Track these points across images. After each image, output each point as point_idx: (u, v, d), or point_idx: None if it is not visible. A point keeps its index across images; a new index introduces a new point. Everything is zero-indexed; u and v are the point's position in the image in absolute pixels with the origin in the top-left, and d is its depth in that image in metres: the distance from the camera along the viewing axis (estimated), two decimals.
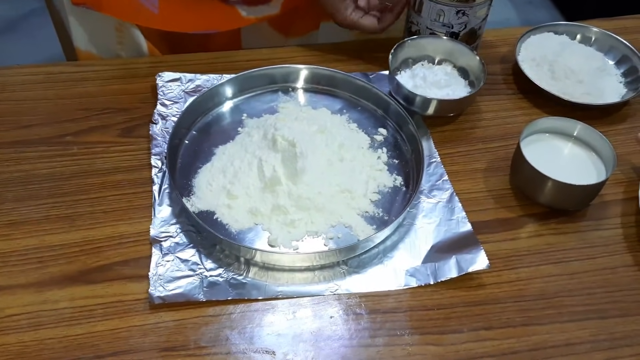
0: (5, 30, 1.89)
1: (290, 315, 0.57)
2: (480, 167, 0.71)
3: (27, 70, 0.79)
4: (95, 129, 0.72)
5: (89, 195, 0.65)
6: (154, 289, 0.57)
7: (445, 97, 0.74)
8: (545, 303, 0.59)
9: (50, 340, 0.54)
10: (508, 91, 0.81)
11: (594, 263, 0.63)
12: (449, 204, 0.66)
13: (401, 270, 0.61)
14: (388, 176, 0.69)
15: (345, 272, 0.61)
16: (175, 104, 0.74)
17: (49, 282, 0.58)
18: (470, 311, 0.58)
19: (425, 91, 0.74)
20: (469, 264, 0.60)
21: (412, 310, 0.58)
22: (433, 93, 0.74)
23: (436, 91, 0.75)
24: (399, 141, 0.73)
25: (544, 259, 0.63)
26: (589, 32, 0.85)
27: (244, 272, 0.60)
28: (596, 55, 0.83)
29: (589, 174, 0.67)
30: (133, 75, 0.78)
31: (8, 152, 0.69)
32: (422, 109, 0.73)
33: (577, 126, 0.69)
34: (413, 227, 0.64)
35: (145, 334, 0.55)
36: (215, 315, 0.57)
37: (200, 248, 0.61)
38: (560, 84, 0.79)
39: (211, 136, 0.71)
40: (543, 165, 0.64)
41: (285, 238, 0.62)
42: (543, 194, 0.65)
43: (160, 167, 0.67)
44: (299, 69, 0.77)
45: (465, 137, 0.74)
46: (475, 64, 0.77)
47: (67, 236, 0.62)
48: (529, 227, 0.66)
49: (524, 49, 0.83)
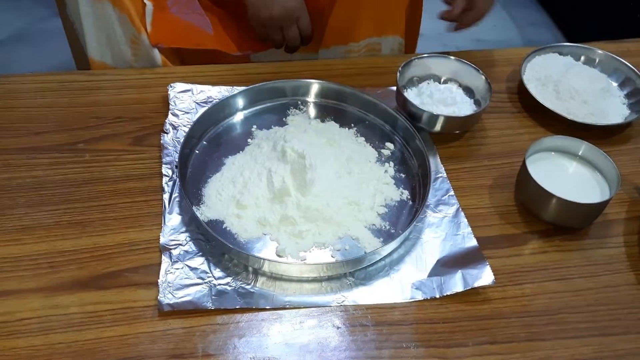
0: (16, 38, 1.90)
1: (298, 325, 0.58)
2: (486, 184, 0.72)
3: (40, 78, 0.80)
4: (107, 137, 0.73)
5: (100, 202, 0.66)
6: (163, 296, 0.58)
7: (452, 114, 0.75)
8: (549, 319, 0.60)
9: (60, 345, 0.55)
10: (513, 109, 0.82)
11: (597, 281, 0.64)
12: (455, 219, 0.67)
13: (407, 283, 0.61)
14: (395, 190, 0.70)
15: (352, 283, 0.61)
16: (186, 114, 0.75)
17: (59, 287, 0.59)
18: (476, 325, 0.59)
19: (432, 108, 0.75)
20: (474, 279, 0.61)
21: (418, 323, 0.59)
22: (440, 110, 0.76)
23: (443, 108, 0.76)
24: (405, 156, 0.74)
25: (548, 276, 0.64)
26: (593, 54, 0.86)
27: (252, 281, 0.60)
28: (600, 77, 0.84)
29: (593, 193, 0.68)
30: (145, 85, 0.80)
31: (21, 158, 0.70)
32: (429, 125, 0.74)
33: (582, 146, 0.70)
34: (419, 241, 0.65)
35: (154, 341, 0.56)
36: (223, 324, 0.57)
37: (209, 257, 0.62)
38: (565, 104, 0.80)
39: (221, 146, 0.73)
40: (548, 183, 0.65)
41: (293, 248, 0.63)
42: (548, 211, 0.66)
43: (171, 176, 0.68)
44: (308, 83, 0.78)
45: (471, 154, 0.75)
46: (481, 83, 0.78)
47: (78, 242, 0.62)
48: (534, 243, 0.67)
49: (529, 69, 0.84)
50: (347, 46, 0.89)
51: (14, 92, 0.78)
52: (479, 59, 0.89)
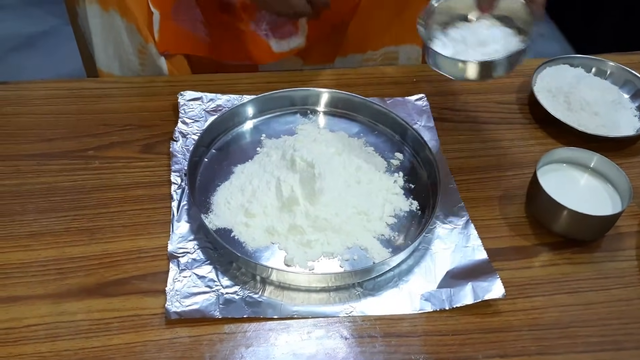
0: (26, 45, 1.92)
1: (305, 336, 0.57)
2: (496, 195, 0.71)
3: (50, 85, 0.81)
4: (116, 144, 0.73)
5: (109, 209, 0.66)
6: (170, 304, 0.57)
7: (494, 54, 0.63)
8: (560, 332, 0.59)
9: (66, 352, 0.54)
10: (524, 120, 0.82)
11: (609, 294, 0.63)
12: (465, 230, 0.67)
13: (416, 294, 0.61)
14: (404, 200, 0.69)
15: (361, 294, 0.61)
16: (195, 123, 0.75)
17: (67, 293, 0.59)
18: (485, 338, 0.58)
19: (469, 54, 0.63)
20: (484, 291, 0.60)
21: (427, 335, 0.58)
22: (480, 54, 0.63)
23: (482, 50, 0.64)
24: (415, 166, 0.73)
25: (558, 288, 0.63)
26: (604, 66, 0.86)
27: (260, 290, 0.60)
28: (611, 89, 0.84)
29: (605, 205, 0.67)
30: (154, 93, 0.80)
31: (30, 164, 0.70)
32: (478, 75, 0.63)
33: (594, 157, 0.70)
34: (429, 252, 0.65)
35: (161, 349, 0.55)
36: (230, 333, 0.57)
37: (217, 265, 0.61)
38: (576, 115, 0.80)
39: (230, 155, 0.73)
40: (559, 194, 0.65)
41: (301, 258, 0.63)
42: (559, 223, 0.66)
43: (180, 184, 0.68)
44: (318, 92, 0.78)
45: (481, 164, 0.75)
46: (518, 6, 0.65)
47: (86, 249, 0.62)
48: (544, 256, 0.66)
49: (539, 80, 0.84)
50: (365, 54, 0.89)
51: (24, 98, 0.78)
52: None
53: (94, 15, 0.81)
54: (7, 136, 0.73)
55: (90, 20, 0.81)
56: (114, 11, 0.80)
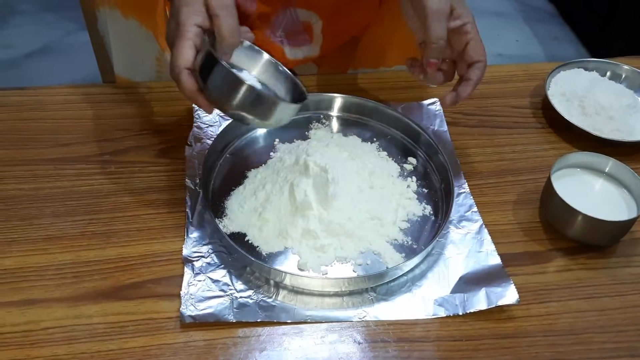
0: (44, 51, 1.95)
1: (319, 340, 0.58)
2: (510, 200, 0.71)
3: (67, 90, 0.82)
4: (132, 149, 0.74)
5: (125, 213, 0.67)
6: (185, 308, 0.58)
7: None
8: (575, 339, 0.59)
9: (83, 355, 0.55)
10: (537, 125, 0.81)
11: (624, 300, 0.62)
12: (478, 235, 0.66)
13: (430, 299, 0.61)
14: (417, 205, 0.69)
15: (374, 299, 0.61)
16: (210, 128, 0.76)
17: (83, 297, 0.59)
18: (499, 344, 0.58)
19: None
20: (498, 297, 0.60)
21: (440, 340, 0.58)
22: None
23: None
24: (428, 171, 0.73)
25: (573, 294, 0.63)
26: (619, 70, 0.86)
27: (274, 294, 0.60)
28: (626, 93, 0.83)
29: (620, 211, 0.67)
30: (170, 98, 0.81)
31: (48, 168, 0.71)
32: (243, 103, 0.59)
33: (609, 162, 0.69)
34: (442, 257, 0.64)
35: (176, 353, 0.56)
36: (244, 337, 0.57)
37: (231, 269, 0.62)
38: (591, 119, 0.79)
39: (244, 159, 0.73)
40: (574, 199, 0.64)
41: (315, 262, 0.63)
42: (573, 228, 0.65)
43: (194, 189, 0.69)
44: (331, 97, 0.79)
45: (494, 169, 0.75)
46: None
47: (102, 252, 0.63)
48: (559, 261, 0.66)
49: (553, 84, 0.84)
50: (378, 70, 0.90)
51: (41, 104, 0.79)
52: (502, 73, 0.88)
53: (114, 20, 0.82)
54: (25, 141, 0.74)
55: (110, 26, 0.82)
56: (133, 19, 0.81)
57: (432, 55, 0.67)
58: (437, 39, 0.65)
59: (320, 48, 0.86)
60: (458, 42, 0.68)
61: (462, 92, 0.69)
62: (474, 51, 0.67)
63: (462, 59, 0.68)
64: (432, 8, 0.64)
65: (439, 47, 0.66)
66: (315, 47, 0.86)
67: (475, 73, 0.68)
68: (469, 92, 0.69)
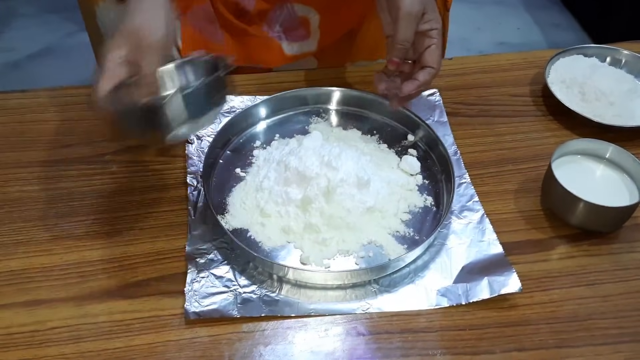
0: (45, 52, 1.96)
1: (323, 333, 0.58)
2: (511, 188, 0.71)
3: (68, 92, 0.82)
4: (133, 148, 0.74)
5: (128, 212, 0.67)
6: (189, 305, 0.58)
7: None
8: (578, 325, 0.59)
9: (90, 353, 0.56)
10: (537, 113, 0.81)
11: (627, 286, 0.62)
12: (480, 225, 0.66)
13: (432, 290, 0.61)
14: (418, 196, 0.69)
15: (377, 290, 0.61)
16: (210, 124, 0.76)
17: (88, 296, 0.60)
18: (503, 332, 0.58)
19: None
20: (500, 285, 0.60)
21: (443, 330, 0.58)
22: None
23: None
24: (429, 162, 0.73)
25: (576, 281, 0.63)
26: (619, 55, 0.85)
27: (277, 289, 0.61)
28: (627, 78, 0.83)
29: (622, 196, 0.67)
30: None
31: (51, 170, 0.71)
32: None
33: (610, 148, 0.69)
34: (444, 247, 0.65)
35: (181, 349, 0.56)
36: (248, 332, 0.58)
37: (235, 265, 0.62)
38: (591, 105, 0.79)
39: (245, 156, 0.73)
40: (575, 186, 0.64)
41: (317, 256, 0.63)
42: (575, 215, 0.65)
43: (196, 186, 0.69)
44: (330, 90, 0.79)
45: (495, 158, 0.75)
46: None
47: (106, 252, 0.63)
48: (561, 248, 0.66)
49: (553, 71, 0.83)
50: (375, 62, 0.90)
51: (42, 105, 0.80)
52: (502, 62, 0.88)
53: (110, 10, 0.81)
54: (28, 143, 0.75)
55: (107, 16, 0.82)
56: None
57: (395, 54, 0.68)
58: (404, 41, 0.67)
59: (317, 43, 0.86)
60: (420, 45, 0.69)
61: (404, 88, 0.70)
62: (430, 56, 0.69)
63: (419, 61, 0.70)
64: (405, 10, 0.65)
65: (404, 48, 0.68)
66: (313, 41, 0.86)
67: (423, 75, 0.69)
68: (410, 89, 0.70)
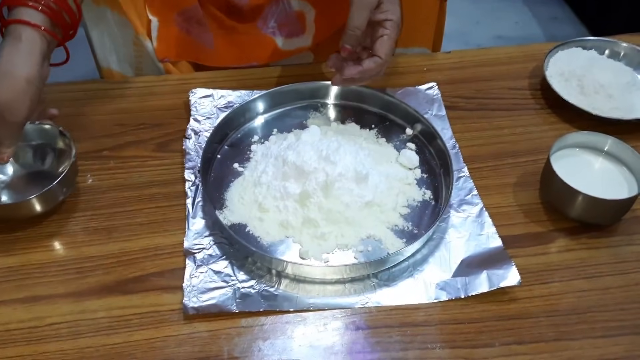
0: None
1: (322, 327, 0.58)
2: (510, 182, 0.71)
3: (65, 87, 0.82)
4: (131, 143, 0.74)
5: (125, 208, 0.67)
6: (188, 300, 0.58)
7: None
8: (577, 318, 0.59)
9: (88, 349, 0.56)
10: (536, 106, 0.81)
11: (626, 278, 0.62)
12: (479, 218, 0.66)
13: (432, 283, 0.61)
14: (417, 190, 0.69)
15: (376, 285, 0.61)
16: (207, 120, 0.76)
17: (87, 292, 0.60)
18: (502, 325, 0.58)
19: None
20: (500, 279, 0.60)
21: (443, 324, 0.58)
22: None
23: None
24: (427, 156, 0.73)
25: (575, 274, 0.63)
26: (618, 47, 0.85)
27: (276, 284, 0.61)
28: (625, 70, 0.83)
29: (621, 189, 0.66)
30: (166, 92, 0.81)
31: None
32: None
33: (608, 141, 0.69)
34: (443, 241, 0.65)
35: (180, 344, 0.56)
36: (247, 327, 0.58)
37: (233, 260, 0.62)
38: (590, 98, 0.79)
39: (242, 151, 0.73)
40: (574, 179, 0.64)
41: (316, 251, 0.63)
42: (574, 208, 0.65)
43: (194, 181, 0.69)
44: (328, 84, 0.78)
45: (494, 152, 0.75)
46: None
47: (104, 248, 0.63)
48: (560, 241, 0.66)
49: (552, 64, 0.83)
50: None
51: None
52: (501, 55, 0.88)
53: (88, 10, 0.81)
54: None
55: (85, 15, 0.82)
56: (104, 6, 0.81)
57: (346, 40, 0.67)
58: (354, 27, 0.66)
59: (312, 38, 0.86)
60: (374, 34, 0.68)
61: (346, 70, 0.69)
62: (380, 45, 0.68)
63: (371, 48, 0.69)
64: None
65: (354, 35, 0.67)
66: (308, 37, 0.85)
67: (368, 62, 0.68)
68: (352, 73, 0.68)
